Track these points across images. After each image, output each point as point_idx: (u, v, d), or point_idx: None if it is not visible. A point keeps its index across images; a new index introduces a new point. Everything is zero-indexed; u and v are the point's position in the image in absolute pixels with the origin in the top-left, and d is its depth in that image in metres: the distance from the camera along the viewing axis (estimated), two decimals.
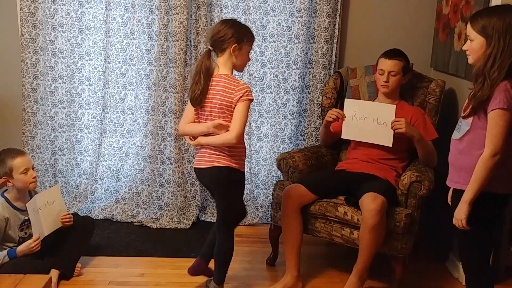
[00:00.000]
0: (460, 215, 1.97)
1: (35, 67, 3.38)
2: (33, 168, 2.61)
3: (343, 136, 2.84)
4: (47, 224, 2.56)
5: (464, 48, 2.03)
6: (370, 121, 2.71)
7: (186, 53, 3.31)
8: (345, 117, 2.78)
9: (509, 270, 2.78)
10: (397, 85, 2.83)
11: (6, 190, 2.60)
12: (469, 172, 1.95)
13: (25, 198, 2.61)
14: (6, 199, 2.57)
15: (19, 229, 2.59)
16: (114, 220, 3.46)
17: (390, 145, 2.68)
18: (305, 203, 2.63)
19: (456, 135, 2.06)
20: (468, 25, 1.97)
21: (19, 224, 2.58)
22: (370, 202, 2.43)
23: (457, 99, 2.94)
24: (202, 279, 2.75)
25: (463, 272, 2.73)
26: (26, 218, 2.60)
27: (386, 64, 2.79)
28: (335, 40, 3.32)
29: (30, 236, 2.62)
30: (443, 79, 2.99)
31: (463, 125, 2.02)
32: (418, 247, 2.95)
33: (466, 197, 1.94)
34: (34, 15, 3.30)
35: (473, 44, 1.94)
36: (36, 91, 3.42)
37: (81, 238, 2.75)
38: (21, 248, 2.49)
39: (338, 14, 3.29)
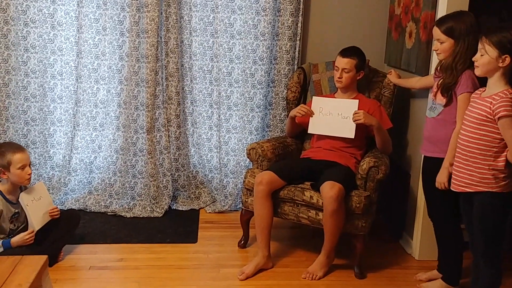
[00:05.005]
0: (442, 179, 2.44)
1: (7, 62, 3.44)
2: (30, 165, 2.69)
3: (310, 131, 3.08)
4: (36, 219, 2.67)
5: (434, 48, 2.56)
6: (335, 116, 2.97)
7: (158, 49, 3.46)
8: (313, 114, 3.02)
9: None
10: (350, 81, 3.06)
11: (0, 181, 2.69)
12: (444, 143, 2.44)
13: (16, 192, 2.70)
14: (0, 192, 2.65)
15: (9, 221, 2.67)
16: (88, 210, 3.56)
17: (353, 137, 2.94)
18: (275, 188, 2.84)
19: (431, 114, 2.57)
20: (437, 30, 2.48)
21: (10, 216, 2.67)
22: (329, 189, 2.66)
23: (409, 92, 3.21)
24: (180, 262, 2.93)
25: (415, 249, 3.06)
26: (16, 211, 2.69)
27: (340, 62, 3.03)
28: (298, 38, 3.54)
29: (18, 228, 2.73)
30: None
31: (438, 106, 2.52)
32: (375, 227, 3.22)
33: (447, 163, 2.42)
34: (6, 11, 3.36)
35: (444, 45, 2.46)
36: (8, 86, 3.48)
37: (67, 229, 2.88)
38: (16, 239, 2.58)
39: (300, 13, 3.51)
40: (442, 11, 2.72)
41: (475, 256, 2.36)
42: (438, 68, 2.56)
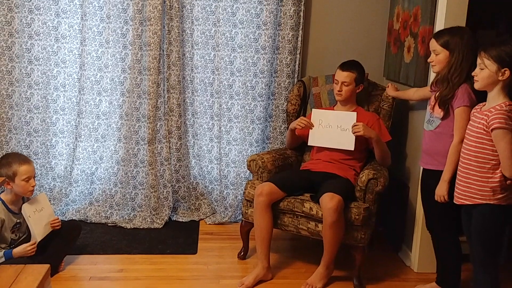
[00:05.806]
0: (442, 192, 2.46)
1: (11, 74, 3.48)
2: (34, 177, 2.72)
3: (310, 143, 3.11)
4: (39, 230, 2.69)
5: (429, 60, 2.59)
6: (335, 128, 3.01)
7: (160, 62, 3.50)
8: (313, 126, 3.05)
9: None
10: (350, 94, 3.10)
11: (3, 191, 2.71)
12: (442, 155, 2.47)
13: (19, 202, 2.73)
14: (2, 202, 2.67)
15: (11, 231, 2.70)
16: (88, 221, 3.59)
17: (352, 149, 2.98)
18: (275, 200, 2.87)
19: (429, 127, 2.59)
20: (434, 42, 2.52)
21: (11, 226, 2.69)
22: (328, 201, 2.68)
23: (408, 105, 3.26)
24: (180, 273, 2.94)
25: (414, 261, 3.07)
26: (18, 221, 2.72)
27: (340, 75, 3.07)
28: (298, 51, 3.60)
29: (20, 238, 2.75)
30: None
31: (435, 119, 2.55)
32: (374, 240, 3.24)
33: (446, 177, 2.44)
34: (10, 24, 3.41)
35: (439, 57, 2.50)
36: (11, 97, 3.52)
37: (68, 240, 2.90)
38: (18, 250, 2.60)
39: (300, 27, 3.56)
40: (440, 25, 2.77)
41: (475, 267, 2.38)
42: (435, 82, 2.60)
